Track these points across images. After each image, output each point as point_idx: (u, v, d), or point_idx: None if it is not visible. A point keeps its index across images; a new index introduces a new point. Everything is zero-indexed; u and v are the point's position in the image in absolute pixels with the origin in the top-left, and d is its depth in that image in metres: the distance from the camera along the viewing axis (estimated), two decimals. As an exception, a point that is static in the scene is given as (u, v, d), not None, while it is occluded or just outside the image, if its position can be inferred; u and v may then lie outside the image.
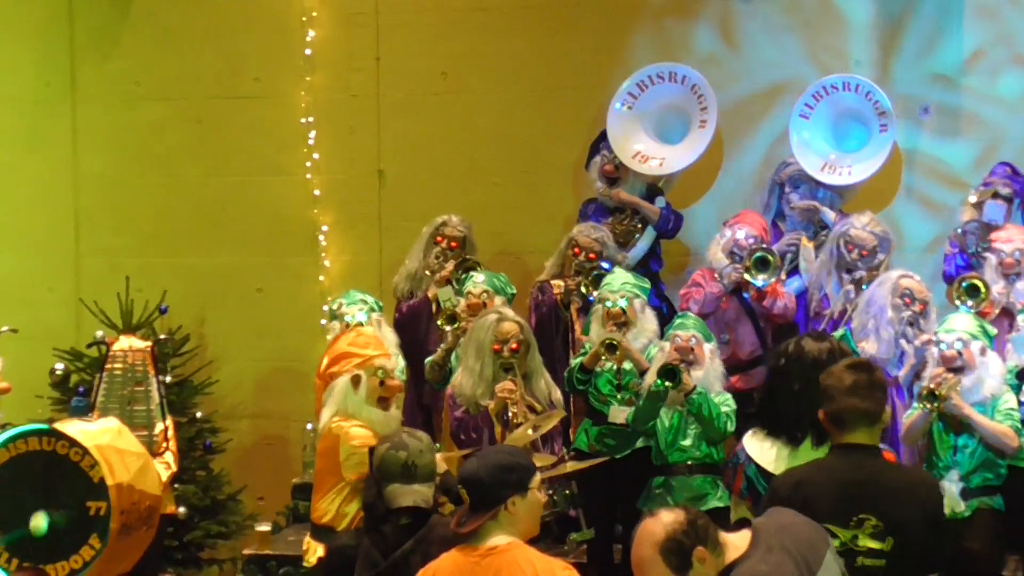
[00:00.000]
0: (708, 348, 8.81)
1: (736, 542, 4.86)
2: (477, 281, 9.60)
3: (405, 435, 6.62)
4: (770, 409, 6.58)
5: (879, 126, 10.26)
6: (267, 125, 11.61)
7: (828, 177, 10.22)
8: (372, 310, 9.76)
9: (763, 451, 6.90)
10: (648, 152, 10.54)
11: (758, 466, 7.12)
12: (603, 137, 10.63)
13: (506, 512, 5.48)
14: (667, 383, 8.55)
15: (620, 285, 9.24)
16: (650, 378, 8.72)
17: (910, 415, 8.40)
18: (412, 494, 6.38)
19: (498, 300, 9.47)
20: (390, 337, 9.61)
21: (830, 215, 10.10)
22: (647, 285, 9.48)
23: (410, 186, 11.44)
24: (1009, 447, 8.20)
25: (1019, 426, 8.25)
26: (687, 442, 8.72)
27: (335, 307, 9.86)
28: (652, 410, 8.71)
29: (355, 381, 7.71)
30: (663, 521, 4.78)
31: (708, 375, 8.74)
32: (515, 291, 9.80)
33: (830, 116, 10.40)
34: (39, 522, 6.66)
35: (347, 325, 9.43)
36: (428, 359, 9.70)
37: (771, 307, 9.65)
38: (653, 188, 10.59)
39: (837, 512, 5.62)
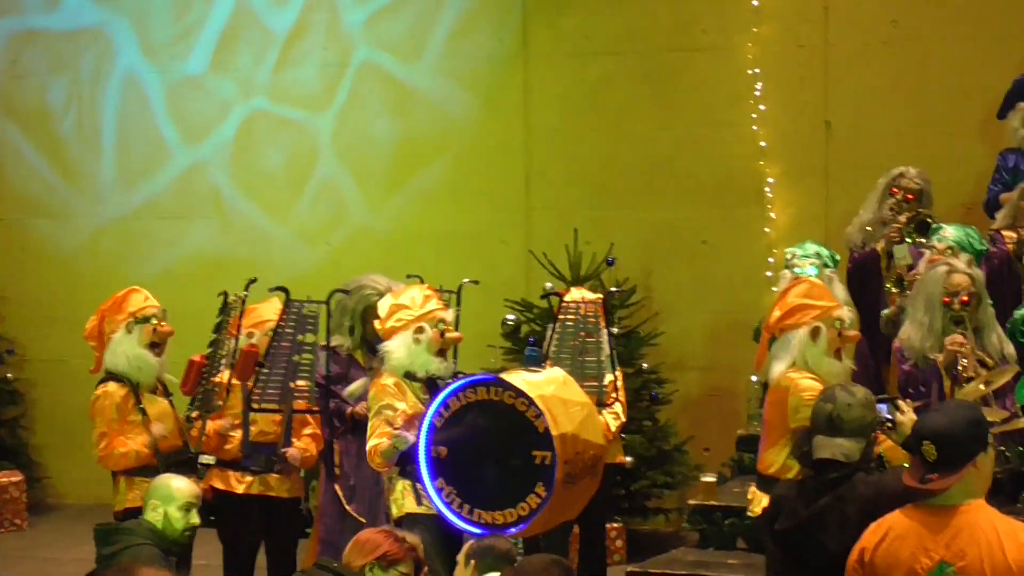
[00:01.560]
0: None
1: None
2: (945, 236, 9.33)
3: (839, 388, 6.54)
4: None
5: None
6: (715, 77, 11.63)
7: None
8: (825, 265, 9.60)
9: None
10: None
11: None
12: (1022, 83, 10.22)
13: (973, 469, 5.33)
14: None
15: None
16: None
17: None
18: (832, 447, 6.29)
19: (963, 257, 9.16)
20: (840, 294, 9.50)
21: None
22: None
23: (858, 138, 11.28)
24: None
25: None
26: None
27: (788, 256, 9.73)
28: None
29: (814, 333, 7.63)
30: None
31: None
32: (985, 247, 9.47)
33: None
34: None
35: (797, 277, 9.33)
36: (884, 312, 9.53)
37: None
38: None
39: None
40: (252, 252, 12.61)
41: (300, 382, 8.62)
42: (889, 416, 6.75)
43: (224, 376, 8.72)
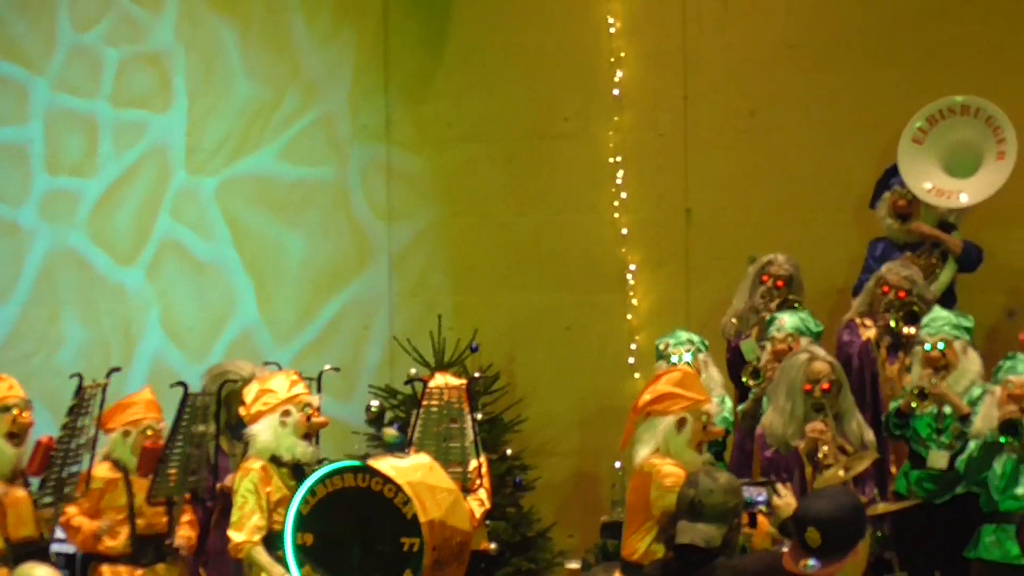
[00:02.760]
0: None
1: None
2: (782, 326, 9.52)
3: (703, 474, 6.59)
4: None
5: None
6: (576, 164, 11.70)
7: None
8: (699, 350, 9.75)
9: None
10: (943, 186, 10.34)
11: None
12: (890, 174, 10.47)
13: (853, 555, 5.37)
14: (1009, 438, 8.30)
15: (939, 327, 9.05)
16: (980, 424, 8.50)
17: None
18: (694, 532, 6.33)
19: (804, 341, 9.37)
20: (716, 377, 9.63)
21: None
22: (969, 324, 9.25)
23: (718, 225, 11.40)
24: None
25: None
26: (1020, 490, 8.42)
27: (661, 347, 9.86)
28: (986, 461, 8.45)
29: (680, 423, 7.68)
30: None
31: None
32: (822, 328, 9.67)
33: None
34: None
35: (673, 366, 9.44)
36: (740, 407, 9.66)
37: None
38: (944, 223, 10.39)
39: None
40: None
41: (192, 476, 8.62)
42: (764, 499, 6.80)
43: (87, 465, 8.64)
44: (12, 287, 12.73)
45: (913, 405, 8.85)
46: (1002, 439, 8.30)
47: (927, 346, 9.02)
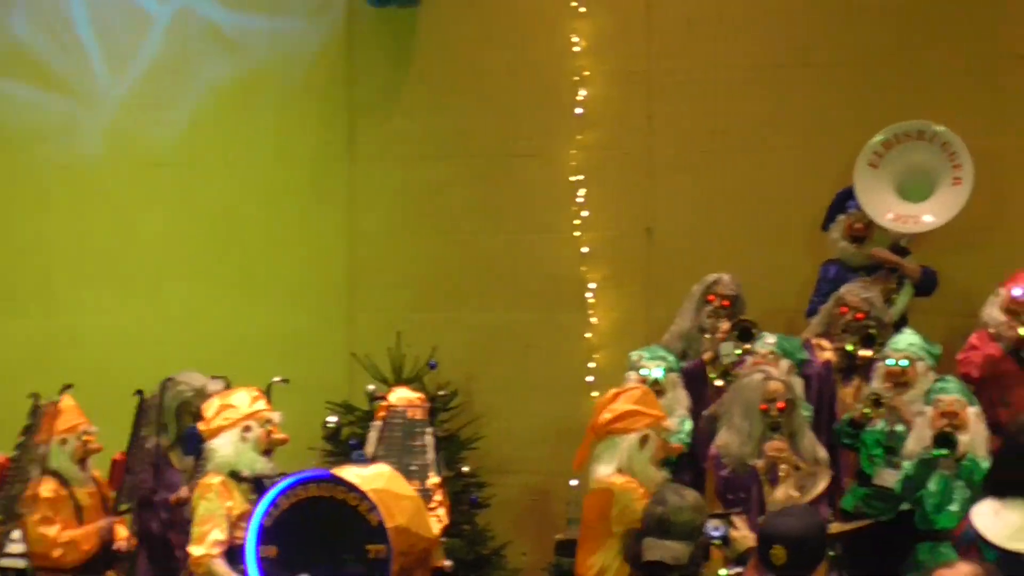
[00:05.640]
0: (972, 411, 8.64)
1: None
2: (767, 341, 9.57)
3: (670, 491, 6.63)
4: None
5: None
6: (539, 183, 11.74)
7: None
8: (671, 369, 9.78)
9: (995, 522, 6.74)
10: (899, 211, 10.43)
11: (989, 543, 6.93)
12: (844, 197, 10.56)
13: (817, 573, 5.42)
14: (943, 451, 8.40)
15: (907, 345, 9.18)
16: (913, 444, 8.59)
17: None
18: (662, 549, 6.36)
19: (784, 363, 9.40)
20: (683, 398, 9.66)
21: None
22: (937, 352, 9.35)
23: (679, 245, 11.46)
24: None
25: None
26: (955, 507, 8.53)
27: (635, 358, 9.88)
28: (923, 477, 8.55)
29: (643, 440, 7.71)
30: (961, 571, 4.69)
31: (974, 440, 8.56)
32: (805, 356, 9.70)
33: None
34: None
35: (644, 379, 9.48)
36: (704, 412, 9.69)
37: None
38: (897, 246, 10.47)
39: None
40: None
41: None
42: (719, 533, 6.82)
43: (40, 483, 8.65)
44: None
45: (867, 411, 8.94)
46: (935, 452, 8.41)
47: (890, 361, 9.11)
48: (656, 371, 9.68)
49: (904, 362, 9.09)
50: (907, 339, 9.26)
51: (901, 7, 11.10)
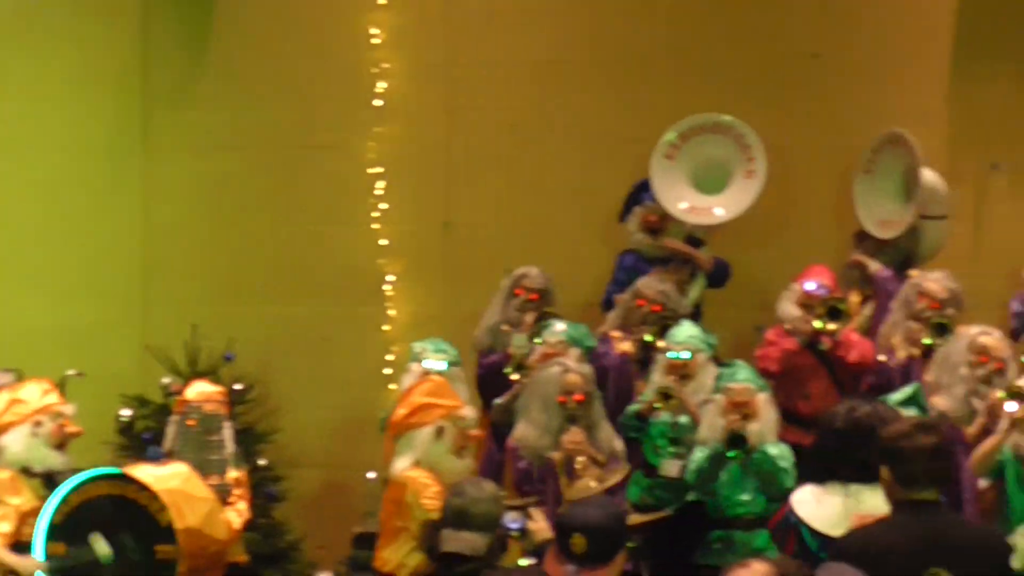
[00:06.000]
0: (762, 398, 8.72)
1: None
2: (555, 330, 9.61)
3: (468, 483, 6.63)
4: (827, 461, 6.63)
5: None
6: (336, 175, 11.69)
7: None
8: (454, 363, 9.79)
9: (817, 509, 6.86)
10: (694, 203, 10.57)
11: (810, 528, 7.06)
12: (640, 189, 10.67)
13: (613, 564, 5.46)
14: (735, 451, 8.52)
15: (686, 337, 9.27)
16: (705, 431, 8.69)
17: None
18: (460, 540, 6.34)
19: (574, 351, 9.46)
20: (463, 393, 9.66)
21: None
22: (713, 341, 9.48)
23: (478, 238, 11.49)
24: None
25: None
26: (746, 496, 8.68)
27: (418, 350, 9.87)
28: (713, 472, 8.67)
29: (439, 431, 7.72)
30: (755, 570, 4.76)
31: (764, 427, 8.66)
32: (594, 343, 9.78)
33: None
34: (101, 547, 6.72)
35: (426, 370, 9.49)
36: (495, 400, 9.73)
37: (847, 356, 9.61)
38: (692, 238, 10.62)
39: (909, 569, 5.61)
40: None
41: None
42: (518, 525, 6.85)
43: None
44: None
45: (658, 405, 9.02)
46: (728, 454, 8.54)
47: (672, 354, 9.21)
48: (440, 363, 9.69)
49: (686, 354, 9.19)
50: (685, 331, 9.35)
51: (695, 4, 11.25)
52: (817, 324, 9.52)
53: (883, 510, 6.11)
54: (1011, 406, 8.18)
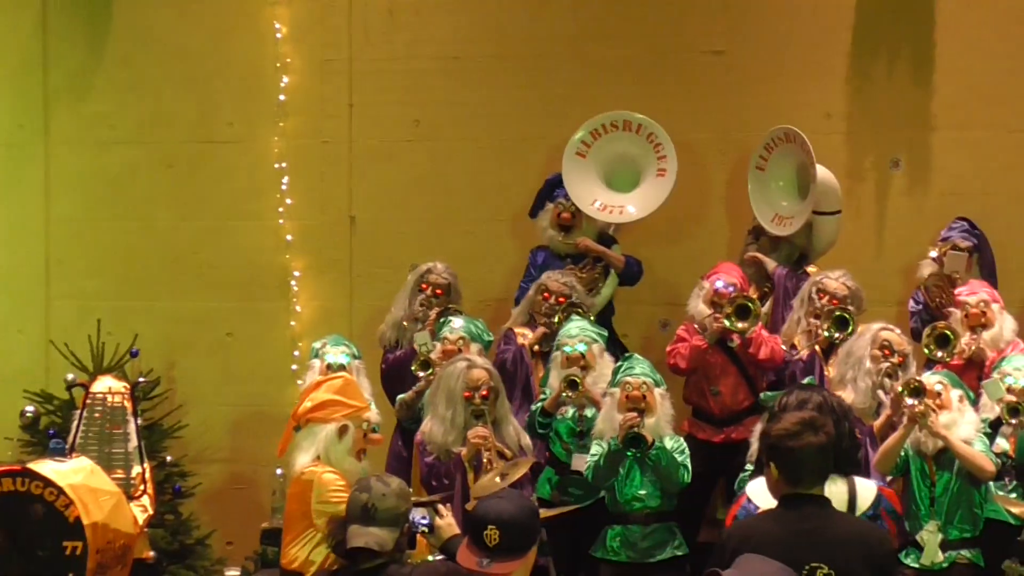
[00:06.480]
0: (659, 392, 8.77)
1: None
2: (454, 327, 9.65)
3: (374, 478, 6.63)
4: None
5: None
6: (240, 170, 11.65)
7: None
8: (354, 357, 9.80)
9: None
10: (606, 201, 10.61)
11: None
12: (552, 185, 10.70)
13: (525, 558, 5.51)
14: (632, 451, 8.59)
15: (579, 331, 9.34)
16: (601, 424, 8.75)
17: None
18: (367, 536, 6.34)
19: (474, 347, 9.52)
20: (366, 386, 9.66)
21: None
22: (604, 332, 9.55)
23: (382, 233, 11.49)
24: (985, 472, 8.25)
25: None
26: (643, 491, 8.75)
27: (319, 346, 9.87)
28: (612, 469, 8.73)
29: (342, 431, 7.71)
30: None
31: (659, 420, 8.72)
32: (492, 338, 9.83)
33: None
34: None
35: (328, 366, 9.49)
36: (399, 397, 9.76)
37: (757, 354, 9.70)
38: (604, 236, 10.67)
39: (788, 562, 5.66)
40: None
41: None
42: (425, 521, 6.85)
43: None
44: None
45: (566, 394, 9.07)
46: (628, 453, 8.61)
47: (568, 348, 9.27)
48: (341, 358, 9.70)
49: (581, 346, 9.26)
50: (577, 325, 9.43)
51: (595, 1, 11.31)
52: (726, 322, 9.60)
53: (840, 499, 6.21)
54: (910, 401, 8.30)
